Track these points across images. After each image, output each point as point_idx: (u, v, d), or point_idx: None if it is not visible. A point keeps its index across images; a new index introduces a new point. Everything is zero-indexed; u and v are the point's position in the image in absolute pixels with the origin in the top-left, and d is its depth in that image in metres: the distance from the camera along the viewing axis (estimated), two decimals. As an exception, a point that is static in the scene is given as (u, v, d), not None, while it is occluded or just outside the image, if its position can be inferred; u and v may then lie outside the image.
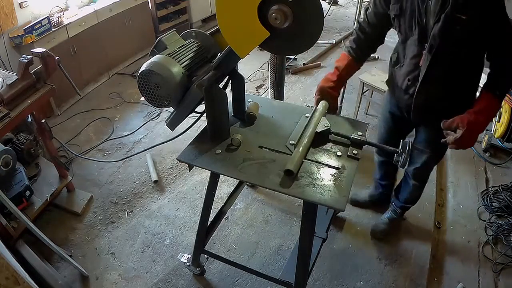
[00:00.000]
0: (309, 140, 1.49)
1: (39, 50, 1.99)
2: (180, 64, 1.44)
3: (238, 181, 2.26)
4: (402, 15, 1.49)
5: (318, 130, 1.55)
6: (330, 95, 1.64)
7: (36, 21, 3.05)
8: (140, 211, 2.51)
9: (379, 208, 2.42)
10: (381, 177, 2.29)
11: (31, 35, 3.00)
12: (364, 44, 1.69)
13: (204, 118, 1.59)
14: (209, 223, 1.92)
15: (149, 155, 2.92)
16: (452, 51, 1.42)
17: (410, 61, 1.55)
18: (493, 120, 3.04)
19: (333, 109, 1.67)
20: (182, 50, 1.51)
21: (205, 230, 1.88)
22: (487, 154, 2.91)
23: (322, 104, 1.62)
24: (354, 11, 5.03)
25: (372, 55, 2.07)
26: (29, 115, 2.17)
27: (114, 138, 3.18)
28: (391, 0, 1.50)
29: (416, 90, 1.57)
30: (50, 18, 3.15)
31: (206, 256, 2.06)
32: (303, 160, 1.44)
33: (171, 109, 1.55)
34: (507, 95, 2.78)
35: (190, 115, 1.58)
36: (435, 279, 2.08)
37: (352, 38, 1.73)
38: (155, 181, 2.72)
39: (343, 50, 1.77)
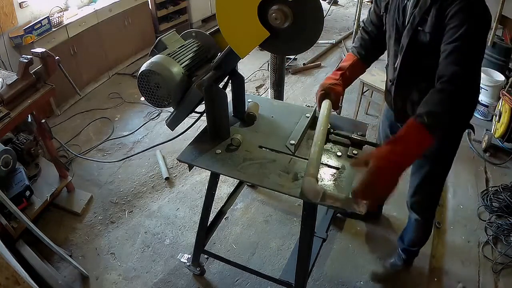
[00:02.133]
0: (323, 140, 1.38)
1: (39, 50, 1.99)
2: (180, 64, 1.44)
3: (238, 181, 2.26)
4: (387, 13, 1.45)
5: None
6: (333, 91, 1.54)
7: (36, 21, 3.05)
8: (140, 211, 2.51)
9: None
10: None
11: (31, 35, 3.00)
12: (369, 44, 1.62)
13: (204, 118, 1.59)
14: (209, 223, 1.92)
15: (159, 151, 2.93)
16: (420, 57, 1.34)
17: (391, 62, 1.52)
18: (493, 120, 3.04)
19: (335, 106, 1.56)
20: (182, 50, 1.51)
21: (205, 230, 1.88)
22: (487, 154, 2.91)
23: (326, 103, 1.51)
24: (354, 11, 5.02)
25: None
26: (29, 115, 2.17)
27: (114, 138, 3.18)
28: None
29: (393, 92, 1.54)
30: (50, 18, 3.15)
31: (206, 256, 2.06)
32: (305, 160, 1.44)
33: (171, 109, 1.55)
34: (507, 94, 2.79)
35: (190, 115, 1.58)
36: (435, 279, 2.08)
37: (357, 37, 1.68)
38: (166, 178, 2.73)
39: (349, 51, 1.71)
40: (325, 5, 5.31)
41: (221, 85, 1.62)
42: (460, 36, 1.14)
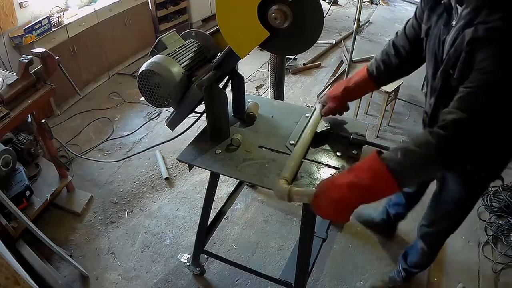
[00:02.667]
0: (306, 144, 1.46)
1: (39, 50, 1.99)
2: (180, 64, 1.44)
3: (238, 181, 2.26)
4: (428, 39, 1.27)
5: (318, 130, 1.55)
6: (328, 103, 1.55)
7: (36, 21, 3.05)
8: (140, 211, 2.51)
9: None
10: (393, 204, 2.14)
11: (31, 35, 3.00)
12: (394, 65, 1.45)
13: (204, 118, 1.59)
14: (209, 223, 1.92)
15: (159, 151, 2.93)
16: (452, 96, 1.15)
17: (428, 93, 1.38)
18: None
19: (327, 113, 1.59)
20: (182, 50, 1.51)
21: (205, 230, 1.88)
22: (487, 154, 2.90)
23: (317, 113, 1.59)
24: (354, 11, 5.02)
25: (370, 55, 2.01)
26: (29, 115, 2.17)
27: (114, 138, 3.18)
28: (424, 16, 1.27)
29: (427, 126, 1.42)
30: (50, 18, 3.15)
31: (206, 256, 2.06)
32: (303, 160, 1.44)
33: (171, 109, 1.55)
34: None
35: (190, 115, 1.58)
36: (435, 279, 2.08)
37: (383, 49, 1.51)
38: (166, 178, 2.73)
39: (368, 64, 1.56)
40: (325, 5, 5.32)
41: (221, 85, 1.62)
42: (482, 84, 0.95)
